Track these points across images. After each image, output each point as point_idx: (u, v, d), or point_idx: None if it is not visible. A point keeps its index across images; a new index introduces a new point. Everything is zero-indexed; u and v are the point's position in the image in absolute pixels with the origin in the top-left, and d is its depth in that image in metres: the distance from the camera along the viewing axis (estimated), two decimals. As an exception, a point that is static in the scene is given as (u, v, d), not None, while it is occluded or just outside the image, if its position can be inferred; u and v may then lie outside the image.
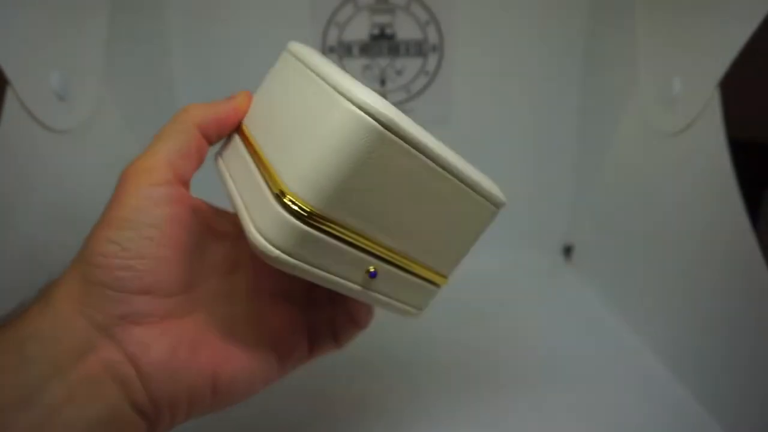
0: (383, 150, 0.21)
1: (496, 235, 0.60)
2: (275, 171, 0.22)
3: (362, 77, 0.56)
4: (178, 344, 0.23)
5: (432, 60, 0.56)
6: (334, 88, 0.21)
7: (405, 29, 0.55)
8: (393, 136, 0.21)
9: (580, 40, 0.55)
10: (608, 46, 0.52)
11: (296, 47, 0.29)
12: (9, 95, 0.32)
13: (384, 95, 0.57)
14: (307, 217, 0.21)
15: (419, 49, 0.55)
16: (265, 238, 0.21)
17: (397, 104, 0.57)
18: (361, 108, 0.20)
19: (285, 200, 0.21)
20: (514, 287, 0.54)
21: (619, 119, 0.49)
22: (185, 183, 0.25)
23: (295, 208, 0.21)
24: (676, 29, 0.40)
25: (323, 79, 0.23)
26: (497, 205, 0.26)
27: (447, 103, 0.57)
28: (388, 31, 0.55)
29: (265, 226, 0.21)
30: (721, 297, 0.35)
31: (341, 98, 0.21)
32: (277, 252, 0.21)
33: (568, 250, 0.61)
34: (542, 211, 0.61)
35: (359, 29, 0.54)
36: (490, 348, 0.44)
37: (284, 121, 0.24)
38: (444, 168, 0.23)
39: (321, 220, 0.21)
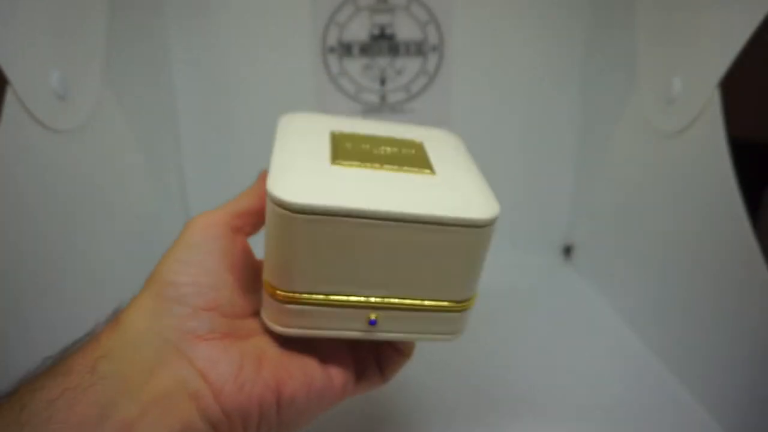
0: (312, 229, 0.22)
1: (496, 235, 0.60)
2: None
3: (362, 77, 0.56)
4: (244, 359, 0.24)
5: (432, 60, 0.56)
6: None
7: (405, 29, 0.55)
8: (313, 216, 0.21)
9: (581, 40, 0.55)
10: (608, 46, 0.52)
11: (284, 119, 0.30)
12: (9, 95, 0.32)
13: (384, 95, 0.57)
14: (285, 299, 0.23)
15: (419, 49, 0.55)
16: (266, 316, 0.25)
17: (397, 104, 0.57)
18: (271, 198, 0.22)
19: (267, 287, 0.24)
20: (514, 287, 0.54)
21: (619, 119, 0.49)
22: (243, 235, 0.28)
23: (273, 292, 0.24)
24: (676, 29, 0.40)
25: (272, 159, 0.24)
26: (480, 225, 0.23)
27: (447, 102, 0.57)
28: (388, 31, 0.55)
29: (263, 305, 0.25)
30: (720, 296, 0.35)
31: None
32: (276, 326, 0.24)
33: (568, 250, 0.61)
34: (542, 211, 0.61)
35: (359, 29, 0.54)
36: (490, 348, 0.44)
37: None
38: (392, 219, 0.22)
39: (297, 298, 0.23)
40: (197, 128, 0.57)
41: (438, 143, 0.29)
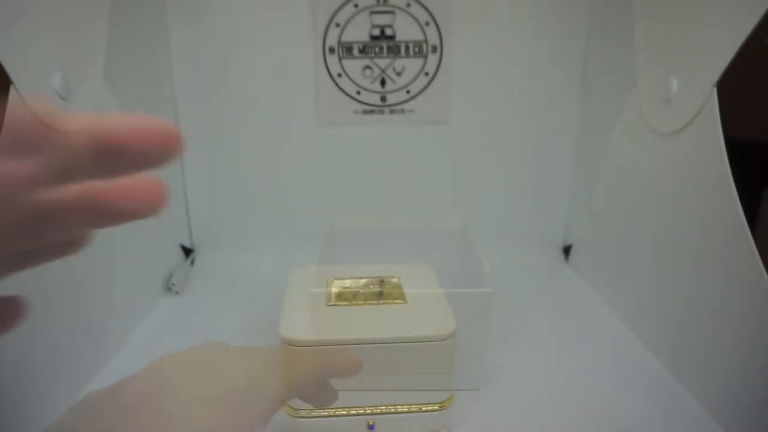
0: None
1: (496, 235, 0.60)
2: None
3: (362, 77, 0.56)
4: None
5: (432, 60, 0.56)
6: None
7: (405, 30, 0.55)
8: (312, 348, 0.30)
9: (580, 40, 0.56)
10: (607, 47, 0.52)
11: (292, 276, 0.39)
12: (12, 95, 0.32)
13: (384, 96, 0.57)
14: (300, 416, 0.32)
15: (419, 49, 0.55)
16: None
17: (398, 105, 0.57)
18: (282, 339, 0.30)
19: (286, 408, 0.32)
20: (514, 287, 0.54)
21: (618, 119, 0.49)
22: None
23: (291, 411, 0.32)
24: (674, 29, 0.40)
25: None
26: (442, 339, 0.31)
27: (447, 103, 0.57)
28: (389, 31, 0.55)
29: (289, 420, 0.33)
30: (717, 295, 0.35)
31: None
32: None
33: (567, 250, 0.61)
34: (542, 211, 0.61)
35: (360, 30, 0.55)
36: (488, 347, 0.44)
37: None
38: (373, 343, 0.30)
39: (307, 413, 0.31)
40: (198, 128, 0.58)
41: (413, 277, 0.38)
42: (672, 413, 0.36)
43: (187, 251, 0.60)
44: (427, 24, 0.55)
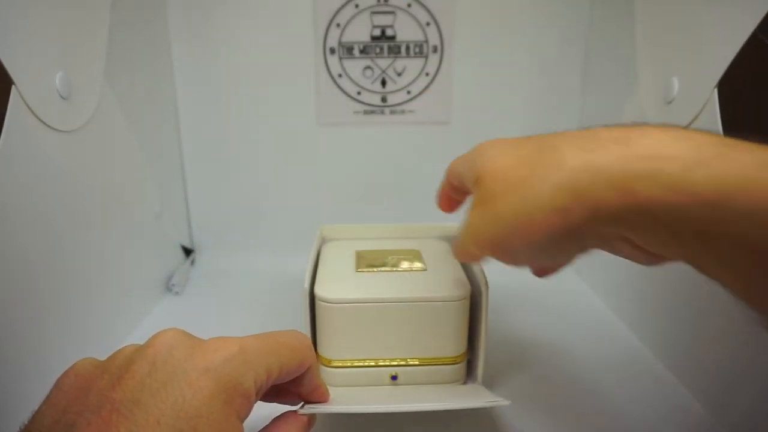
0: (345, 314, 0.34)
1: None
2: None
3: (363, 78, 0.56)
4: None
5: (432, 61, 0.56)
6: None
7: (406, 30, 0.55)
8: (344, 305, 0.34)
9: (580, 41, 0.56)
10: (608, 47, 0.52)
11: (323, 230, 0.45)
12: (13, 95, 0.32)
13: (384, 96, 0.57)
14: (334, 366, 0.35)
15: (420, 50, 0.56)
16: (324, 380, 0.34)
17: (398, 105, 0.57)
18: (318, 298, 0.35)
19: (323, 360, 0.36)
20: (514, 288, 0.54)
21: (619, 119, 0.49)
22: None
23: (327, 362, 0.36)
24: (675, 29, 0.40)
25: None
26: (455, 300, 0.35)
27: (447, 104, 0.57)
28: (389, 32, 0.55)
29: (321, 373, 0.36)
30: (718, 298, 0.35)
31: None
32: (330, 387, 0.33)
33: (568, 251, 0.61)
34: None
35: (360, 30, 0.55)
36: (489, 348, 0.44)
37: None
38: (397, 302, 0.34)
39: (340, 363, 0.35)
40: (198, 128, 0.58)
41: (431, 248, 0.42)
42: (673, 415, 0.36)
43: (187, 251, 0.60)
44: (428, 24, 0.55)
